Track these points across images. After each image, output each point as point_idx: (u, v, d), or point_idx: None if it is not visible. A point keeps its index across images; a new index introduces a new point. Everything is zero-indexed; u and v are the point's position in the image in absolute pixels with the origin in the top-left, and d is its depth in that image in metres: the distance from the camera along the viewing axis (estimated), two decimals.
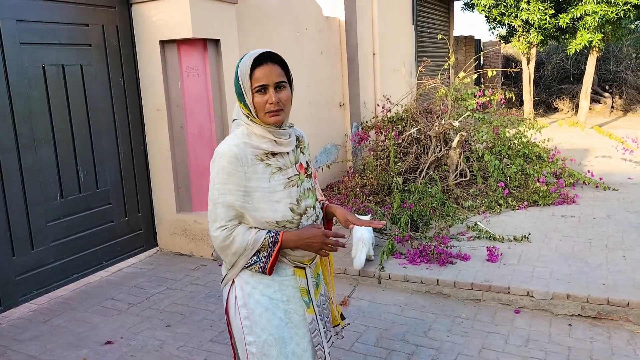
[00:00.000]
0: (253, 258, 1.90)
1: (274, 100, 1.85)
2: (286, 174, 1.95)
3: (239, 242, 1.87)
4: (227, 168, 1.86)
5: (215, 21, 4.81)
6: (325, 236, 1.91)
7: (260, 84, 1.85)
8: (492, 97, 6.75)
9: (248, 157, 1.88)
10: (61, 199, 4.34)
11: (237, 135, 1.93)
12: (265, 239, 1.88)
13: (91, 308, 4.17)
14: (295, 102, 7.08)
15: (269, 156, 1.92)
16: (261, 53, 1.87)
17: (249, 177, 1.88)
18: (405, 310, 3.97)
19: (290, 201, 1.94)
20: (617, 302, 3.68)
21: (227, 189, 1.87)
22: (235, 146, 1.88)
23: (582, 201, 6.09)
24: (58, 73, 4.27)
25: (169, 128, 4.94)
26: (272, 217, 1.91)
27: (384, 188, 6.30)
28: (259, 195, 1.89)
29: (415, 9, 10.51)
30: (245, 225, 1.91)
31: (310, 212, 2.02)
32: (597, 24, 10.37)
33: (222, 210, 1.88)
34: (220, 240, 1.89)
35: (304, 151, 2.10)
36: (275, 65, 1.87)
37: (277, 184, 1.92)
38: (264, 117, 1.89)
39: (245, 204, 1.88)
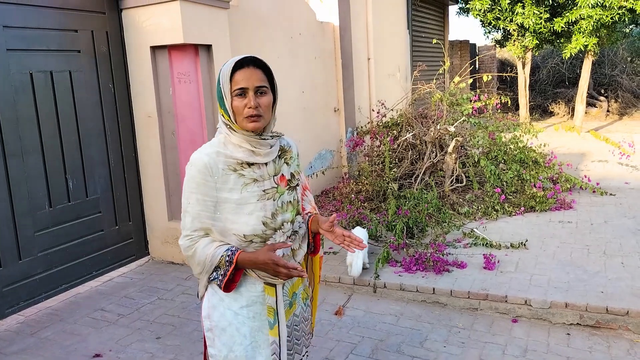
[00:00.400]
0: (213, 274, 1.85)
1: (253, 104, 1.79)
2: (262, 185, 1.88)
3: (199, 255, 1.83)
4: (196, 177, 1.81)
5: (206, 26, 4.74)
6: (275, 265, 1.79)
7: (240, 87, 1.79)
8: (487, 101, 6.70)
9: (219, 166, 1.82)
10: (50, 208, 4.25)
11: (212, 143, 1.88)
12: (222, 257, 1.81)
13: (80, 319, 4.08)
14: (290, 107, 7.04)
15: (243, 166, 1.85)
16: (244, 57, 1.82)
17: (219, 187, 1.82)
18: (401, 320, 3.89)
19: (264, 215, 1.87)
20: (616, 310, 3.62)
21: (194, 198, 1.82)
22: (206, 155, 1.83)
23: (579, 206, 6.04)
24: (46, 80, 4.19)
25: (160, 135, 4.86)
26: (241, 230, 1.84)
27: (379, 194, 6.23)
28: (229, 207, 1.83)
29: (410, 14, 10.48)
30: (209, 238, 1.85)
31: (286, 227, 1.94)
32: (592, 28, 10.34)
33: (188, 220, 1.84)
34: (184, 249, 1.86)
35: (289, 162, 2.01)
36: (257, 70, 1.82)
37: (250, 196, 1.85)
38: (243, 122, 1.82)
39: (213, 214, 1.83)
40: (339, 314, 4.08)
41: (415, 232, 5.19)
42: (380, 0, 8.89)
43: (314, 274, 2.29)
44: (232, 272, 1.82)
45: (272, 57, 6.14)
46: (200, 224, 1.83)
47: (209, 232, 1.85)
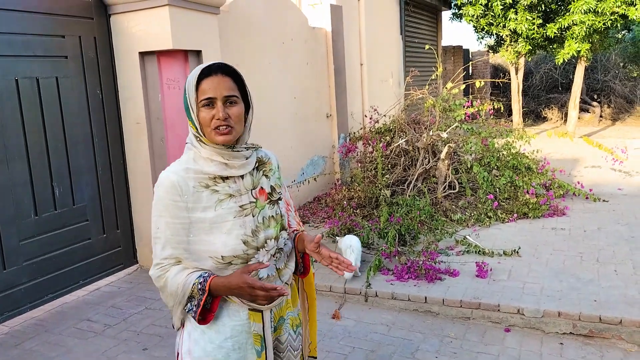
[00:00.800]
0: (187, 305, 1.65)
1: (221, 116, 1.63)
2: (239, 201, 1.71)
3: (170, 286, 1.65)
4: (164, 199, 1.65)
5: (196, 32, 4.69)
6: (251, 287, 1.58)
7: (207, 97, 1.63)
8: (480, 107, 6.68)
9: (189, 184, 1.66)
10: (35, 217, 4.18)
11: (181, 160, 1.73)
12: (194, 285, 1.62)
13: (66, 330, 4.00)
14: (282, 113, 6.97)
15: (216, 181, 1.69)
16: (211, 64, 1.68)
17: (191, 207, 1.65)
18: (392, 330, 3.83)
19: (244, 232, 1.69)
20: (609, 319, 3.57)
21: (163, 223, 1.66)
22: (173, 173, 1.67)
23: (573, 213, 6.00)
24: (32, 86, 4.12)
25: (149, 141, 4.80)
26: (218, 252, 1.66)
27: (372, 201, 6.19)
28: (204, 227, 1.66)
29: (403, 19, 10.47)
30: (180, 265, 1.66)
31: (270, 244, 1.76)
32: (585, 34, 10.36)
33: (159, 247, 1.67)
34: (155, 280, 1.69)
35: (268, 174, 1.85)
36: (226, 78, 1.67)
37: (226, 213, 1.68)
38: (211, 135, 1.66)
39: (185, 238, 1.66)
40: (336, 317, 4.05)
41: (407, 239, 5.14)
42: (373, 6, 8.87)
43: (306, 293, 2.08)
44: (207, 300, 1.64)
45: (264, 62, 6.09)
46: (172, 250, 1.66)
47: (181, 259, 1.67)
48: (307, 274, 2.01)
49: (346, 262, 1.74)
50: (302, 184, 6.92)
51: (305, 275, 2.02)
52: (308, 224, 6.25)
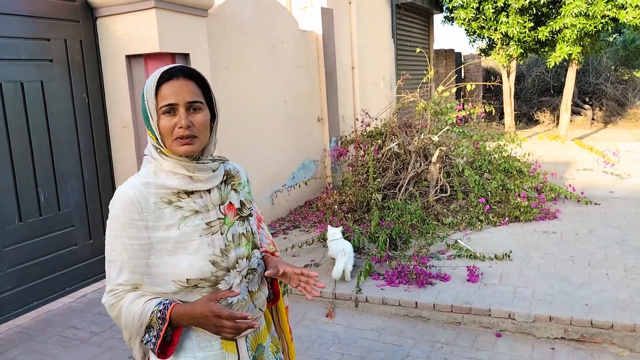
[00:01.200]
0: (146, 336, 1.46)
1: (184, 124, 1.47)
2: (205, 217, 1.54)
3: (125, 315, 1.47)
4: (120, 217, 1.47)
5: (184, 35, 4.64)
6: (218, 317, 1.40)
7: (167, 103, 1.47)
8: (472, 110, 6.66)
9: (150, 200, 1.48)
10: (20, 222, 4.10)
11: (140, 174, 1.56)
12: (153, 313, 1.44)
13: (51, 338, 3.93)
14: (272, 116, 6.93)
15: (180, 196, 1.52)
16: (172, 67, 1.52)
17: (152, 226, 1.48)
18: (382, 336, 3.79)
19: (213, 252, 1.52)
20: (600, 324, 3.54)
21: (119, 243, 1.48)
22: (131, 188, 1.49)
23: (564, 216, 5.98)
24: (16, 90, 4.05)
25: (136, 146, 4.73)
26: (183, 274, 1.48)
27: (363, 205, 6.14)
28: (168, 248, 1.49)
29: (395, 22, 10.46)
30: (136, 292, 1.49)
31: (242, 264, 1.59)
32: (576, 37, 10.38)
33: (113, 271, 1.49)
34: (108, 308, 1.51)
35: (237, 189, 1.68)
36: (189, 82, 1.50)
37: (192, 231, 1.51)
38: (172, 146, 1.50)
39: (145, 260, 1.49)
40: (329, 316, 4.04)
41: (398, 243, 5.10)
42: (365, 9, 8.85)
43: (282, 329, 1.88)
44: (167, 331, 1.47)
45: (254, 65, 6.05)
46: (129, 275, 1.48)
47: (139, 285, 1.49)
48: (277, 301, 1.84)
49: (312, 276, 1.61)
50: (293, 188, 6.87)
51: (274, 303, 1.84)
52: (299, 228, 6.20)
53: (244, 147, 5.86)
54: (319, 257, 5.01)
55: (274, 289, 1.81)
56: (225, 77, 5.55)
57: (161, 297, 1.50)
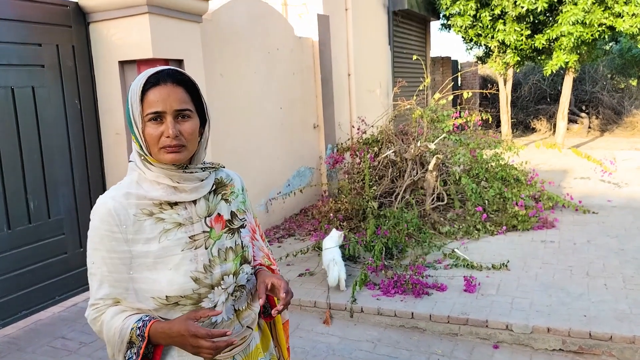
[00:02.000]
0: (127, 352, 1.40)
1: (171, 133, 1.38)
2: (189, 230, 1.46)
3: (106, 331, 1.42)
4: (99, 229, 1.41)
5: (177, 41, 4.59)
6: (194, 337, 1.32)
7: (154, 111, 1.38)
8: (469, 118, 6.61)
9: (129, 212, 1.41)
10: (8, 230, 4.03)
11: (122, 184, 1.48)
12: (132, 330, 1.38)
13: (39, 349, 3.84)
14: (267, 123, 6.86)
15: (162, 208, 1.44)
16: (160, 70, 1.43)
17: (131, 239, 1.41)
18: (378, 347, 3.71)
19: (195, 268, 1.43)
20: (599, 335, 3.48)
21: (98, 256, 1.42)
22: (111, 199, 1.43)
23: (562, 225, 5.93)
24: (6, 96, 3.99)
25: (129, 153, 4.67)
26: (162, 291, 1.40)
27: (359, 213, 6.08)
28: (147, 262, 1.41)
29: (392, 30, 10.44)
30: (117, 307, 1.43)
31: (228, 281, 1.49)
32: (573, 45, 10.37)
33: (94, 284, 1.44)
34: (90, 322, 1.46)
35: (229, 198, 1.58)
36: (177, 88, 1.41)
37: (173, 245, 1.42)
38: (159, 155, 1.41)
39: (125, 274, 1.41)
40: (326, 323, 4.01)
41: (394, 252, 5.03)
42: (361, 16, 8.82)
43: (280, 345, 1.78)
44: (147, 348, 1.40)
45: (249, 72, 6.00)
46: (109, 289, 1.42)
47: (120, 300, 1.43)
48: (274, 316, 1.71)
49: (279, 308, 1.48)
50: (288, 196, 6.81)
51: (271, 317, 1.73)
52: (294, 236, 6.13)
53: (238, 154, 5.80)
54: (313, 266, 4.94)
55: (270, 302, 1.71)
56: (220, 83, 5.50)
57: (142, 313, 1.43)
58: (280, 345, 1.78)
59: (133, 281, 1.42)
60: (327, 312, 4.07)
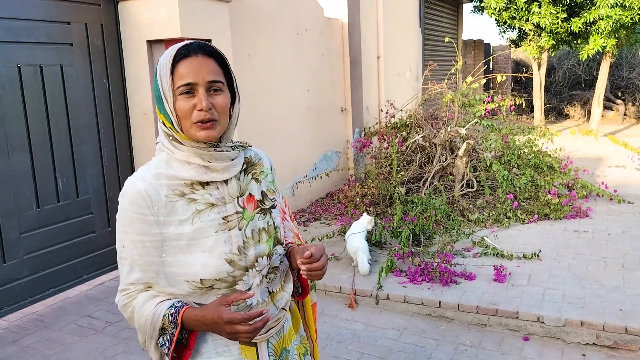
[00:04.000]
0: (160, 339, 1.36)
1: (204, 106, 1.32)
2: (222, 211, 1.40)
3: (137, 317, 1.37)
4: (129, 211, 1.35)
5: (205, 21, 4.52)
6: (230, 323, 1.28)
7: (185, 82, 1.32)
8: (501, 103, 6.43)
9: (161, 193, 1.35)
10: (37, 209, 4.05)
11: (151, 164, 1.42)
12: (165, 317, 1.33)
13: (66, 327, 3.88)
14: (294, 106, 6.79)
15: (194, 188, 1.38)
16: (190, 43, 1.36)
17: (163, 221, 1.35)
18: (404, 335, 3.65)
19: (229, 250, 1.38)
20: (635, 330, 3.36)
21: (129, 240, 1.36)
22: (141, 180, 1.36)
23: (596, 215, 5.75)
24: (35, 74, 3.99)
25: (156, 133, 4.62)
26: (196, 274, 1.35)
27: (386, 198, 5.99)
28: (181, 245, 1.36)
29: (423, 11, 10.21)
30: (149, 292, 1.37)
31: (262, 263, 1.44)
32: (611, 29, 10.01)
33: (124, 269, 1.38)
34: (120, 308, 1.41)
35: (259, 178, 1.53)
36: (209, 59, 1.35)
37: (207, 227, 1.37)
38: (191, 130, 1.34)
39: (157, 258, 1.36)
40: (352, 307, 4.01)
41: (422, 239, 4.94)
42: None
43: (308, 326, 1.73)
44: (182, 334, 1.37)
45: (277, 53, 5.91)
46: (140, 274, 1.36)
47: (152, 284, 1.38)
48: (305, 295, 1.69)
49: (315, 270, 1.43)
50: (314, 179, 6.74)
51: (303, 297, 1.69)
52: (319, 220, 6.08)
53: (264, 136, 5.75)
54: (339, 251, 4.88)
55: (302, 281, 1.65)
56: (247, 64, 5.43)
57: (175, 298, 1.38)
58: (309, 326, 1.73)
59: (164, 265, 1.37)
60: (351, 295, 4.02)
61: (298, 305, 1.71)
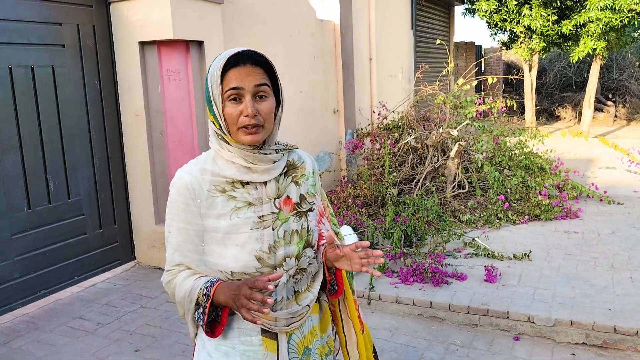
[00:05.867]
0: (195, 313, 1.48)
1: (250, 112, 1.42)
2: (258, 210, 1.50)
3: (178, 291, 1.50)
4: (177, 202, 1.50)
5: (198, 22, 4.53)
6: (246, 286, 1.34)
7: (233, 87, 1.42)
8: (492, 104, 6.47)
9: (204, 187, 1.48)
10: (28, 210, 4.05)
11: (199, 159, 1.55)
12: (200, 290, 1.44)
13: (57, 328, 3.87)
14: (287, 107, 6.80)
15: (235, 186, 1.50)
16: (240, 51, 1.45)
17: (204, 213, 1.48)
18: (395, 336, 3.67)
19: (260, 247, 1.48)
20: (624, 330, 3.39)
21: (175, 227, 1.51)
22: (188, 173, 1.50)
23: (586, 216, 5.79)
24: (27, 75, 3.99)
25: (148, 134, 4.65)
26: (228, 266, 1.47)
27: (378, 199, 6.01)
28: (217, 237, 1.48)
29: (415, 14, 10.25)
30: (190, 270, 1.51)
31: (290, 263, 1.52)
32: (601, 32, 10.09)
33: (170, 252, 1.54)
34: (165, 285, 1.56)
35: (299, 181, 1.60)
36: (257, 68, 1.45)
37: (242, 224, 1.48)
38: (237, 135, 1.46)
39: (198, 246, 1.50)
40: None
41: (413, 240, 4.96)
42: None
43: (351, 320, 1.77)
44: (212, 309, 1.46)
45: (269, 55, 5.86)
46: (182, 257, 1.51)
47: (192, 267, 1.51)
48: (340, 294, 1.73)
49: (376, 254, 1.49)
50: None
51: (337, 295, 1.73)
52: None
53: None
54: None
55: (338, 280, 1.71)
56: None
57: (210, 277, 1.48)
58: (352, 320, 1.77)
59: (204, 253, 1.50)
60: None
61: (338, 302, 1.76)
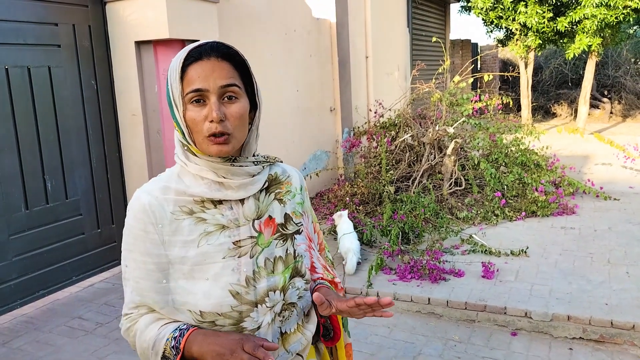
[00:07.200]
0: None
1: (215, 116, 1.15)
2: (234, 235, 1.23)
3: (140, 341, 1.22)
4: (134, 228, 1.22)
5: (194, 21, 4.53)
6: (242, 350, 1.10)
7: (195, 88, 1.16)
8: (488, 102, 6.49)
9: (166, 209, 1.21)
10: (26, 210, 4.05)
11: (161, 176, 1.28)
12: (168, 341, 1.17)
13: (56, 328, 3.87)
14: (283, 106, 6.80)
15: (205, 206, 1.23)
16: (203, 44, 1.19)
17: (167, 240, 1.20)
18: (393, 332, 3.68)
19: (237, 280, 1.21)
20: (621, 324, 3.41)
21: (132, 259, 1.22)
22: (146, 193, 1.23)
23: (583, 212, 5.82)
24: (23, 75, 3.98)
25: (145, 134, 4.65)
26: (197, 305, 1.19)
27: (375, 197, 6.02)
28: (184, 270, 1.20)
29: (410, 11, 10.27)
30: (153, 314, 1.23)
31: (274, 298, 1.25)
32: (596, 28, 10.12)
33: (127, 291, 1.25)
34: (123, 333, 1.27)
35: (283, 198, 1.34)
36: (223, 62, 1.18)
37: (214, 251, 1.20)
38: (203, 145, 1.19)
39: (159, 284, 1.20)
40: None
41: (411, 237, 4.98)
42: None
43: None
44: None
45: (265, 54, 5.93)
46: (141, 297, 1.22)
47: (156, 310, 1.23)
48: (337, 340, 1.45)
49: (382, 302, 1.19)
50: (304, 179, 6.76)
51: (333, 342, 1.46)
52: None
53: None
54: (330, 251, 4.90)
55: (333, 322, 1.44)
56: None
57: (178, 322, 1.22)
58: None
59: (169, 292, 1.21)
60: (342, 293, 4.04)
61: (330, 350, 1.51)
